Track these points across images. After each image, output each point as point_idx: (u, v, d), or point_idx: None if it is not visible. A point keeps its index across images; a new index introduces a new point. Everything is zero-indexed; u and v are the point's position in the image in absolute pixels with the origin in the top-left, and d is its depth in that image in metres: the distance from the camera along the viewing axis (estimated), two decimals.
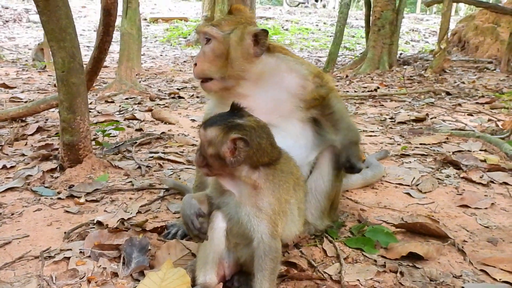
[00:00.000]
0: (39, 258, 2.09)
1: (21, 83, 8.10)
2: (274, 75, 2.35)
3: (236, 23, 2.29)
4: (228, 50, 2.25)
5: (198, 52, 2.31)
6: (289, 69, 2.38)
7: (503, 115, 5.73)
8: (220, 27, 2.27)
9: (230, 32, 2.26)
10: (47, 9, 2.84)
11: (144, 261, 2.05)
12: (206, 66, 2.27)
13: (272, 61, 2.36)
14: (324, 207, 2.39)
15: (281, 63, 2.38)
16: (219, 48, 2.26)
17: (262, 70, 2.32)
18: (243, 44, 2.26)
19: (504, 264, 2.11)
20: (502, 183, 3.27)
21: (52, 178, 3.18)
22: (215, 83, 2.29)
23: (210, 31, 2.26)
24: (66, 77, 2.99)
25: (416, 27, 22.97)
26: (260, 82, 2.33)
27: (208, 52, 2.27)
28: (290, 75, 2.37)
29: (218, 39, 2.25)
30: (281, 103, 2.35)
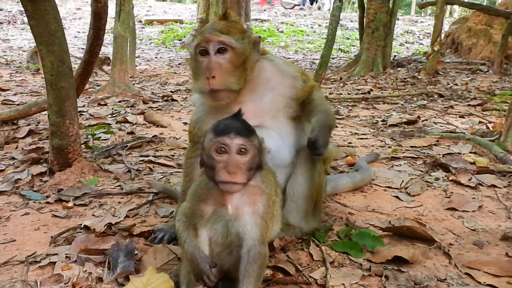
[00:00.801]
0: (25, 263, 2.09)
1: (14, 85, 8.08)
2: (266, 78, 2.36)
3: (241, 31, 2.26)
4: (245, 59, 2.22)
5: (207, 62, 2.18)
6: (279, 72, 2.40)
7: (494, 117, 5.76)
8: (233, 35, 2.20)
9: (242, 40, 2.22)
10: (36, 13, 2.84)
11: (130, 266, 2.05)
12: (225, 78, 2.17)
13: (264, 65, 2.37)
14: (307, 207, 2.39)
15: (273, 67, 2.40)
16: (237, 58, 2.19)
17: (257, 75, 2.33)
18: (251, 52, 2.27)
19: (489, 267, 2.12)
20: (490, 186, 3.28)
21: (41, 182, 3.17)
22: (227, 93, 2.21)
23: (228, 41, 2.17)
24: (55, 81, 2.99)
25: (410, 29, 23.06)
26: (253, 86, 2.33)
27: (225, 63, 2.17)
28: (282, 77, 2.39)
29: (236, 50, 2.18)
30: (273, 105, 2.36)
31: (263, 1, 30.16)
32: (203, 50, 2.19)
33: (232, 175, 1.62)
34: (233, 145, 1.63)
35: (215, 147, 1.65)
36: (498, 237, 2.47)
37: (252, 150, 1.66)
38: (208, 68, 2.17)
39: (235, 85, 2.20)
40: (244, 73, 2.23)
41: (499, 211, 2.86)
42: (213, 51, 2.17)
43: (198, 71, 2.24)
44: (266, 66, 2.38)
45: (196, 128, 2.39)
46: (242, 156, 1.64)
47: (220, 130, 1.66)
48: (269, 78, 2.37)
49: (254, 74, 2.31)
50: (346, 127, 5.41)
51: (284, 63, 2.50)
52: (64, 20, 21.45)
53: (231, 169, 1.62)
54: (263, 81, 2.35)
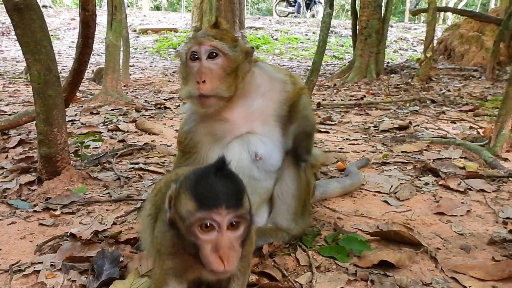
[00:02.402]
0: (8, 272, 2.07)
1: (7, 95, 8.06)
2: (256, 85, 2.37)
3: (233, 39, 2.25)
4: (237, 67, 2.21)
5: (198, 67, 2.16)
6: (269, 77, 2.41)
7: (485, 122, 5.79)
8: (225, 42, 2.18)
9: (235, 48, 2.20)
10: (22, 22, 2.85)
11: (115, 273, 2.04)
12: (216, 83, 2.14)
13: (254, 72, 2.37)
14: (296, 207, 2.39)
15: (262, 73, 2.41)
16: (229, 65, 2.17)
17: (248, 82, 2.33)
18: (243, 61, 2.26)
19: (475, 271, 2.12)
20: (479, 190, 3.29)
21: (29, 190, 3.16)
22: (217, 100, 2.18)
23: (221, 47, 2.14)
24: (42, 90, 2.99)
25: (404, 36, 23.19)
26: (244, 93, 2.32)
27: (216, 68, 2.15)
28: (272, 82, 2.40)
29: (228, 56, 2.17)
30: (263, 110, 2.37)
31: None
32: (195, 55, 2.17)
33: (226, 261, 1.33)
34: (225, 221, 1.33)
35: (199, 223, 1.34)
36: (485, 242, 2.47)
37: (246, 220, 1.40)
38: (198, 73, 2.14)
39: (225, 92, 2.18)
40: (235, 81, 2.21)
41: (487, 215, 2.87)
42: (204, 56, 2.16)
43: (188, 76, 2.23)
44: (256, 72, 2.38)
45: (188, 139, 2.37)
46: (234, 231, 1.36)
47: (206, 201, 1.32)
48: (259, 84, 2.37)
49: (245, 82, 2.30)
50: (338, 133, 5.42)
51: (273, 68, 2.50)
52: (58, 31, 21.51)
53: (224, 254, 1.32)
54: (253, 87, 2.35)
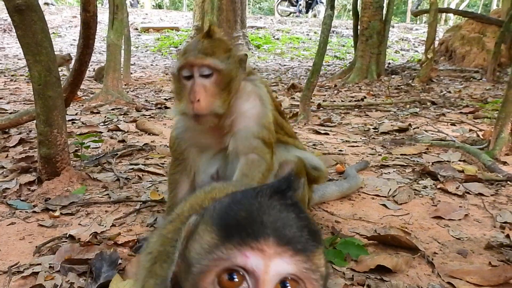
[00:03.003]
0: (7, 273, 2.09)
1: (8, 93, 8.07)
2: (244, 98, 2.32)
3: (226, 50, 2.20)
4: (230, 80, 2.17)
5: (191, 86, 2.12)
6: (258, 98, 2.35)
7: (485, 125, 5.79)
8: (217, 56, 2.12)
9: (228, 60, 2.16)
10: (23, 23, 2.86)
11: (113, 276, 2.05)
12: (210, 101, 2.11)
13: (248, 86, 2.33)
14: None
15: (254, 90, 2.35)
16: (222, 80, 2.14)
17: (240, 98, 2.29)
18: (237, 71, 2.22)
19: (471, 276, 2.13)
20: (477, 194, 3.30)
21: (29, 191, 3.17)
22: (212, 117, 2.17)
23: (213, 64, 2.10)
24: (43, 91, 3.01)
25: (406, 36, 23.16)
26: (234, 109, 2.28)
27: (210, 86, 2.12)
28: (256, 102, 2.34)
29: (221, 72, 2.12)
30: (248, 129, 2.30)
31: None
32: (187, 73, 2.14)
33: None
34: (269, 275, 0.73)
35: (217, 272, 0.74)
36: (482, 246, 2.48)
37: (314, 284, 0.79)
38: (192, 92, 2.11)
39: (220, 108, 2.16)
40: (228, 95, 2.19)
41: (485, 219, 2.88)
42: (197, 74, 2.12)
43: (182, 93, 2.20)
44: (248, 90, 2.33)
45: (175, 145, 2.39)
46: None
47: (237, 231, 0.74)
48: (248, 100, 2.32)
49: (237, 96, 2.26)
50: (337, 134, 5.43)
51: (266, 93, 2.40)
52: (60, 28, 21.52)
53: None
54: (242, 104, 2.30)
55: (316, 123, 6.02)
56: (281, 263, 0.70)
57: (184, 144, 2.35)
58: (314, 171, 2.64)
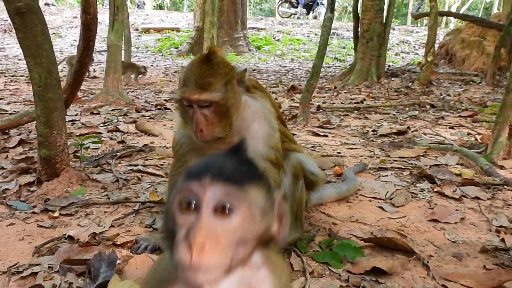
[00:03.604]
0: (6, 274, 2.11)
1: (8, 94, 8.10)
2: (249, 117, 2.34)
3: (225, 75, 2.18)
4: (229, 107, 2.20)
5: (194, 115, 2.15)
6: (263, 117, 2.36)
7: (483, 128, 5.82)
8: (216, 87, 2.13)
9: (225, 86, 2.16)
10: (23, 26, 2.88)
11: (111, 276, 2.07)
12: (212, 129, 2.17)
13: (251, 103, 2.35)
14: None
15: (259, 108, 2.37)
16: (222, 109, 2.17)
17: (242, 111, 2.31)
18: (235, 92, 2.23)
19: (465, 280, 2.15)
20: (474, 198, 3.32)
21: (28, 192, 3.19)
22: (217, 140, 2.22)
23: (211, 98, 2.12)
24: (43, 92, 3.03)
25: (406, 39, 23.22)
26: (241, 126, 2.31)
27: (211, 116, 2.16)
28: (263, 122, 2.36)
29: (220, 102, 2.15)
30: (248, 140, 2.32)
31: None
32: (188, 101, 2.17)
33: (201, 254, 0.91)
34: (207, 198, 0.95)
35: (178, 199, 0.99)
36: (477, 250, 2.51)
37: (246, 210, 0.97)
38: (194, 121, 2.16)
39: (222, 133, 2.21)
40: (230, 118, 2.22)
41: (481, 223, 2.90)
42: (196, 106, 2.15)
43: (185, 117, 2.26)
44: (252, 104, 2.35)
45: (178, 146, 2.42)
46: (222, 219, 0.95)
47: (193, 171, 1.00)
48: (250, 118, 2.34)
49: (241, 111, 2.29)
50: (336, 136, 5.45)
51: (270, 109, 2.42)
52: (61, 29, 21.58)
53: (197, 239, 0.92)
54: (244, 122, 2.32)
55: (315, 125, 6.04)
56: (214, 190, 0.94)
57: (187, 148, 2.38)
58: (311, 175, 2.67)
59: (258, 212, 0.99)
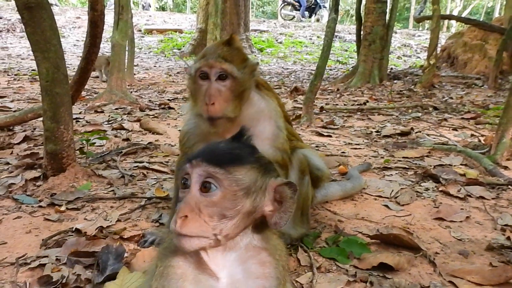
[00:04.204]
0: (15, 265, 2.12)
1: (11, 92, 8.11)
2: (256, 115, 2.35)
3: (243, 59, 2.25)
4: (243, 89, 2.22)
5: (207, 88, 2.16)
6: (269, 117, 2.38)
7: (486, 130, 5.82)
8: (235, 64, 2.18)
9: (243, 69, 2.21)
10: (32, 20, 2.90)
11: (119, 268, 2.07)
12: (224, 105, 2.16)
13: (259, 100, 2.36)
14: (294, 216, 2.44)
15: (266, 106, 2.38)
16: (237, 87, 2.18)
17: (249, 107, 2.32)
18: (250, 80, 2.27)
19: (472, 276, 2.16)
20: (479, 197, 3.33)
21: (34, 186, 3.20)
22: (225, 121, 2.20)
23: (231, 70, 2.14)
24: (50, 87, 3.04)
25: (408, 43, 23.26)
26: (243, 118, 2.30)
27: (225, 90, 2.16)
28: (269, 122, 2.37)
29: (237, 79, 2.17)
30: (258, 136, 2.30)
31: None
32: (204, 75, 2.18)
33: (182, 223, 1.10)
34: (193, 177, 1.14)
35: (179, 178, 1.20)
36: (483, 247, 2.51)
37: (228, 187, 1.12)
38: (208, 94, 2.15)
39: (232, 113, 2.20)
40: (240, 102, 2.23)
41: (486, 222, 2.90)
42: (214, 77, 2.16)
43: (197, 94, 2.23)
44: (259, 102, 2.37)
45: (185, 139, 2.42)
46: (205, 195, 1.12)
47: (190, 155, 1.19)
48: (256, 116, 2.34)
49: (247, 104, 2.30)
50: (340, 137, 5.46)
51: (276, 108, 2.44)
52: (64, 29, 21.61)
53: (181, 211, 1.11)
54: (251, 114, 2.32)
55: (319, 126, 6.05)
56: (198, 170, 1.13)
57: (194, 140, 2.38)
58: (317, 171, 2.67)
59: (242, 191, 1.13)
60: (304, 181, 2.52)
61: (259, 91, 2.41)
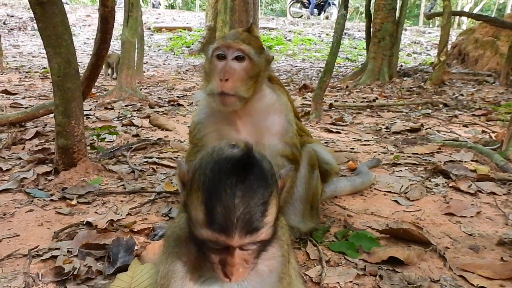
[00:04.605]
0: (27, 257, 2.14)
1: (23, 89, 8.20)
2: (267, 108, 2.37)
3: (260, 46, 2.30)
4: (259, 73, 2.25)
5: (223, 66, 2.20)
6: (279, 111, 2.40)
7: (498, 127, 5.77)
8: (253, 47, 2.22)
9: (260, 55, 2.25)
10: (44, 16, 2.92)
11: (130, 261, 2.09)
12: (238, 84, 2.18)
13: (270, 94, 2.39)
14: (304, 210, 2.45)
15: (276, 100, 2.40)
16: (252, 69, 2.21)
17: (261, 99, 2.35)
18: (265, 68, 2.30)
19: (483, 270, 2.14)
20: (489, 193, 3.30)
21: (46, 180, 3.24)
22: (236, 99, 2.20)
23: (248, 51, 2.19)
24: (62, 82, 3.07)
25: (418, 40, 23.09)
26: (256, 107, 2.34)
27: (240, 70, 2.20)
28: (279, 116, 2.39)
29: (254, 61, 2.21)
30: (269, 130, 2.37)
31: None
32: (221, 55, 2.21)
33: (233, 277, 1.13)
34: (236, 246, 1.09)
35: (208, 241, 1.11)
36: (494, 242, 2.49)
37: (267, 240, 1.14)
38: (223, 71, 2.18)
39: (245, 93, 2.21)
40: (254, 85, 2.25)
41: (497, 217, 2.88)
42: (231, 57, 2.19)
43: (212, 74, 2.25)
44: (271, 94, 2.40)
45: (196, 130, 2.43)
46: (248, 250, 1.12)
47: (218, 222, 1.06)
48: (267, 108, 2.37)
49: (259, 94, 2.33)
50: (349, 133, 5.44)
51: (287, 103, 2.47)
52: (74, 27, 21.75)
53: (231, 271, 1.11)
54: (263, 106, 2.36)
55: (328, 122, 6.04)
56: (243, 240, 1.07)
57: (205, 130, 2.39)
58: (326, 164, 2.67)
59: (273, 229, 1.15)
60: (313, 175, 2.52)
61: (271, 85, 2.43)
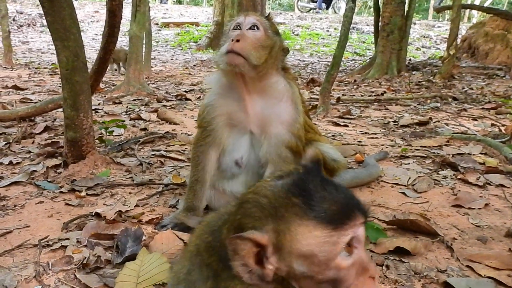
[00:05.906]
0: (37, 246, 2.18)
1: (32, 85, 8.27)
2: (278, 95, 2.40)
3: (276, 31, 2.40)
4: (271, 47, 2.31)
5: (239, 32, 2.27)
6: (291, 99, 2.42)
7: (507, 120, 5.72)
8: (269, 25, 2.34)
9: (274, 36, 2.35)
10: (52, 9, 2.95)
11: (138, 250, 2.11)
12: (249, 47, 2.21)
13: (283, 82, 2.43)
14: None
15: (289, 89, 2.43)
16: (265, 40, 2.29)
17: (273, 85, 2.38)
18: (278, 52, 2.37)
19: (490, 261, 2.13)
20: (498, 185, 3.28)
21: (55, 173, 3.27)
22: (244, 62, 2.21)
23: (263, 23, 2.31)
24: (70, 76, 3.09)
25: (427, 34, 22.91)
26: (269, 93, 2.38)
27: (253, 37, 2.26)
28: (290, 105, 2.41)
29: (267, 32, 2.31)
30: (279, 117, 2.39)
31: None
32: (238, 26, 2.31)
33: None
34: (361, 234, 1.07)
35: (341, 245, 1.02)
36: (502, 234, 2.48)
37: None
38: (235, 36, 2.24)
39: (254, 59, 2.22)
40: (265, 56, 2.27)
41: (506, 209, 2.86)
42: (246, 27, 2.29)
43: (226, 41, 2.32)
44: (285, 84, 2.43)
45: (205, 112, 2.43)
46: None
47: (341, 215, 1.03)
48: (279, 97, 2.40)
49: (270, 81, 2.37)
50: (357, 127, 5.43)
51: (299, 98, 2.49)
52: (82, 23, 21.85)
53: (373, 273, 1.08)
54: (274, 94, 2.39)
55: (335, 116, 6.02)
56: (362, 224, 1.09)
57: (214, 113, 2.40)
58: (333, 162, 2.67)
59: None
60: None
61: (285, 74, 2.47)
